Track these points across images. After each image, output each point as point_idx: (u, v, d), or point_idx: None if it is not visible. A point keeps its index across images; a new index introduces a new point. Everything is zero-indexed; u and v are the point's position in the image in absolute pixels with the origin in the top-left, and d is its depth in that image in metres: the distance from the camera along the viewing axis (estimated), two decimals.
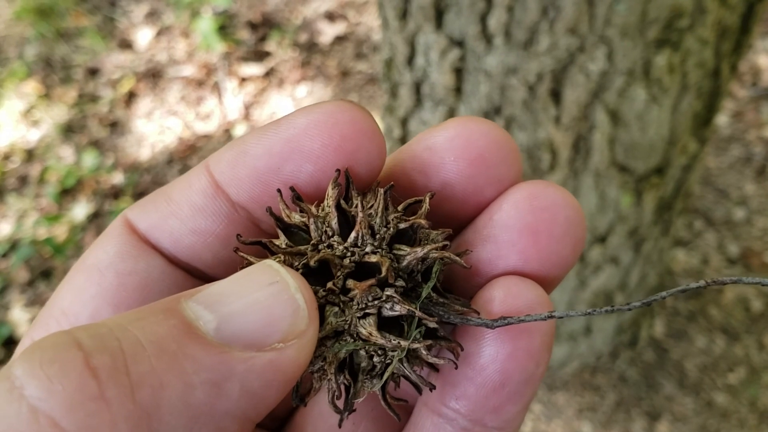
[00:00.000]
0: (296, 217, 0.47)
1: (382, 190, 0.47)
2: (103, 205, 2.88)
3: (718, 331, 2.38)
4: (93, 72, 3.33)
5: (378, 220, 0.46)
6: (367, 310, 0.45)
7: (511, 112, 1.48)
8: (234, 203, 0.49)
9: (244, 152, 0.48)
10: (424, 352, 0.46)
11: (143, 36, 3.43)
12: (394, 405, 0.49)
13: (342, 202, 0.47)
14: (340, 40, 3.34)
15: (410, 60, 1.55)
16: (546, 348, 0.47)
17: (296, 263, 0.46)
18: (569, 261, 0.48)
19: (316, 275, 0.45)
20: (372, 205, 0.47)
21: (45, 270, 2.73)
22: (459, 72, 1.48)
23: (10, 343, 2.53)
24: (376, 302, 0.45)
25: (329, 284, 0.45)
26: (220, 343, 0.38)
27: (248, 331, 0.39)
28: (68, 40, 3.46)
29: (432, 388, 0.47)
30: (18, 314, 2.60)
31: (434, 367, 0.48)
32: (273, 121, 0.48)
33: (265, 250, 0.47)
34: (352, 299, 0.45)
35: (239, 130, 3.02)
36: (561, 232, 0.47)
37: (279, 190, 0.47)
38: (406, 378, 0.48)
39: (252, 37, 3.36)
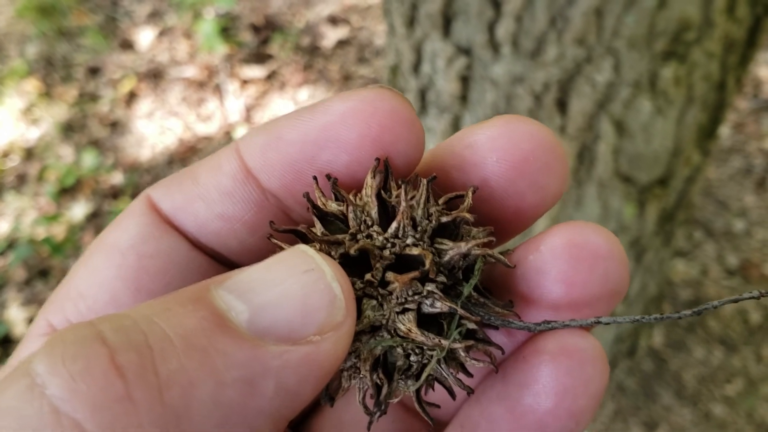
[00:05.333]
0: (333, 206, 0.45)
1: (424, 181, 0.44)
2: (102, 205, 2.87)
3: (716, 342, 2.38)
4: (94, 71, 3.32)
5: (420, 212, 0.44)
6: (406, 305, 0.43)
7: None
8: (264, 190, 0.47)
9: (277, 138, 0.46)
10: (462, 354, 0.44)
11: (145, 36, 3.42)
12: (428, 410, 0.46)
13: (382, 192, 0.44)
14: (342, 44, 3.34)
15: (416, 67, 1.55)
16: (590, 410, 0.44)
17: (333, 253, 0.43)
18: (606, 310, 0.46)
19: (353, 266, 0.43)
20: (413, 197, 0.44)
21: (43, 269, 2.72)
22: (465, 80, 1.48)
23: (7, 341, 2.52)
24: (416, 297, 0.43)
25: (367, 276, 0.43)
26: (254, 337, 0.35)
27: (283, 322, 0.36)
28: (70, 38, 3.46)
29: (470, 392, 0.45)
30: (15, 313, 2.59)
31: (468, 372, 0.46)
32: (308, 106, 0.46)
33: (298, 238, 0.45)
34: (391, 293, 0.43)
35: (240, 133, 3.01)
36: (599, 285, 0.45)
37: (315, 177, 0.45)
38: (440, 382, 0.45)
39: (254, 39, 3.36)
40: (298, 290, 0.37)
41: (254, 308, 0.36)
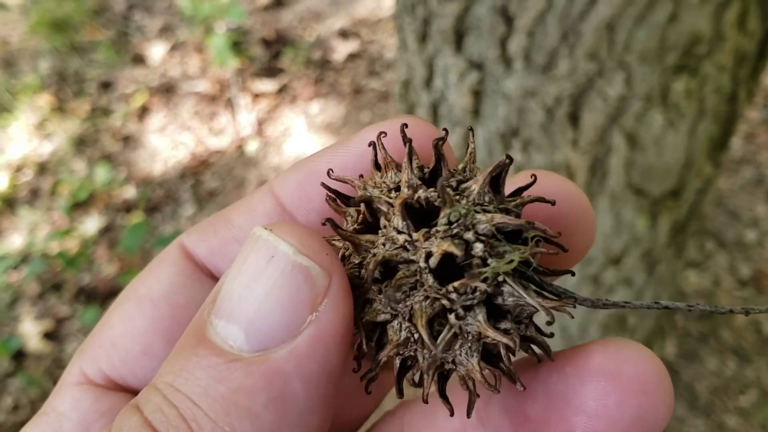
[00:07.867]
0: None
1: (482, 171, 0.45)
2: (114, 219, 2.89)
3: (729, 353, 2.37)
4: (106, 86, 3.35)
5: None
6: (484, 207, 0.41)
7: (528, 134, 1.49)
8: None
9: (315, 172, 0.47)
10: (534, 286, 0.41)
11: (157, 51, 3.45)
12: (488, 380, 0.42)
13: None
14: (353, 57, 3.36)
15: (428, 82, 1.56)
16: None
17: (395, 173, 0.44)
18: None
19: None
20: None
21: (56, 283, 2.74)
22: (477, 94, 1.49)
23: (20, 355, 2.53)
24: (491, 207, 0.42)
25: (443, 182, 0.41)
26: (259, 355, 0.35)
27: (277, 324, 0.35)
28: (82, 53, 3.49)
29: (549, 318, 0.40)
30: (28, 327, 2.60)
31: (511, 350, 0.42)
32: (340, 140, 0.48)
33: (343, 200, 0.46)
34: (468, 196, 0.42)
35: (252, 146, 3.03)
36: (627, 424, 0.40)
37: (378, 136, 0.45)
38: (519, 304, 0.40)
39: (265, 53, 3.38)
40: (274, 285, 0.36)
41: (247, 327, 0.36)
